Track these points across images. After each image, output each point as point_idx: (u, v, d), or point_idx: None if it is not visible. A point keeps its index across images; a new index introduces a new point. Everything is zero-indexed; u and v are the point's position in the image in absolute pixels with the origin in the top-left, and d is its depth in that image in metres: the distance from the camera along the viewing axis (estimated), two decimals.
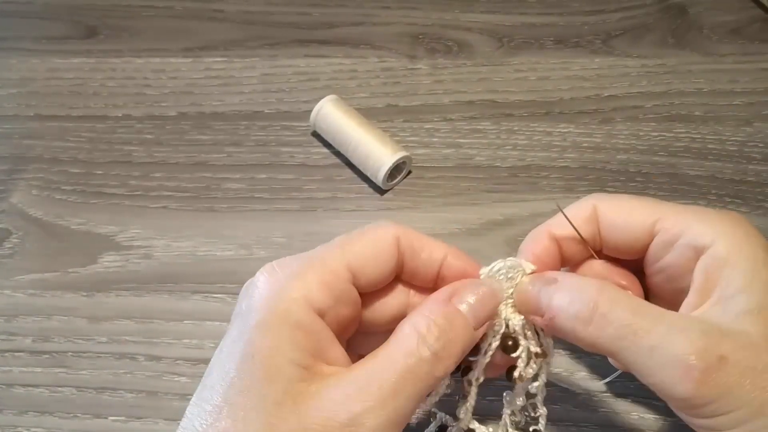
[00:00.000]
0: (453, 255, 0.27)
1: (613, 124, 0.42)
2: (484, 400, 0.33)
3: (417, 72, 0.45)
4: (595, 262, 0.29)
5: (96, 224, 0.39)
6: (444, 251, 0.27)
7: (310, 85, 0.44)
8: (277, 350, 0.22)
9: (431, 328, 0.23)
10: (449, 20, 0.47)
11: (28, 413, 0.33)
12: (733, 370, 0.22)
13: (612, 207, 0.28)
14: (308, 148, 0.42)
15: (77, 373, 0.34)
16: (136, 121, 0.43)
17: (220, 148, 0.42)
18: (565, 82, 0.44)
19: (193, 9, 0.48)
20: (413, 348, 0.22)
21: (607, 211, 0.28)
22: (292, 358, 0.22)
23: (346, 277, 0.25)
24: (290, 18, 0.48)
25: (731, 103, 0.43)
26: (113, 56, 0.46)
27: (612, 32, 0.46)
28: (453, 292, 0.25)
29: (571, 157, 0.41)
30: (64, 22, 0.48)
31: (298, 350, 0.22)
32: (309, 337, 0.23)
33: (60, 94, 0.45)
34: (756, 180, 0.40)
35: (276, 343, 0.22)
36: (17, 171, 0.41)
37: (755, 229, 0.25)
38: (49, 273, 0.37)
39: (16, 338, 0.35)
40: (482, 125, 0.42)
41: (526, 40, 0.46)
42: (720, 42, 0.46)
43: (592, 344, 0.24)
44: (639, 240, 0.27)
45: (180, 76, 0.45)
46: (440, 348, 0.23)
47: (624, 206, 0.28)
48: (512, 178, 0.40)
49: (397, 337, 0.23)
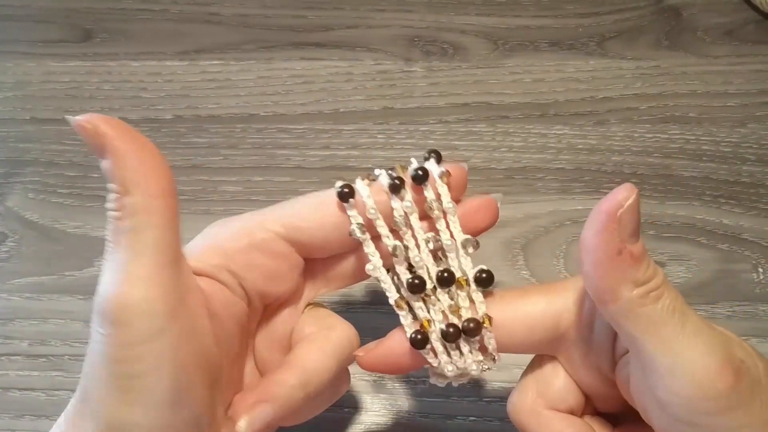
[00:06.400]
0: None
1: (607, 126, 0.42)
2: (481, 401, 0.33)
3: (412, 74, 0.45)
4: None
5: (92, 227, 0.39)
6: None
7: (306, 87, 0.45)
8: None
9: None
10: (444, 23, 0.47)
11: (25, 417, 0.33)
12: (747, 377, 0.21)
13: (506, 314, 0.24)
14: (304, 151, 0.42)
15: (74, 376, 0.34)
16: (133, 124, 0.42)
17: (216, 150, 0.42)
18: (560, 84, 0.44)
19: (189, 12, 0.48)
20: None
21: (502, 322, 0.24)
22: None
23: (270, 227, 0.25)
24: (286, 21, 0.48)
25: (725, 104, 0.43)
26: (109, 59, 0.46)
27: (606, 34, 0.47)
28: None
29: (566, 158, 0.41)
30: (60, 26, 0.48)
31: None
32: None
33: (56, 97, 0.45)
34: (750, 181, 0.40)
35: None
36: (13, 174, 0.41)
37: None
38: (46, 276, 0.37)
39: (13, 342, 0.35)
40: (478, 127, 0.43)
41: (521, 43, 0.46)
42: (714, 44, 0.46)
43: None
44: (542, 341, 0.24)
45: (176, 79, 0.45)
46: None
47: (518, 308, 0.25)
48: (508, 179, 0.40)
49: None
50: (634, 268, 0.21)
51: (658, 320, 0.21)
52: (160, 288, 0.21)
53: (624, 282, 0.21)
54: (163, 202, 0.21)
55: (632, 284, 0.21)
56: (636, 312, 0.21)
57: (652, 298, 0.21)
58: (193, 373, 0.22)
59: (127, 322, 0.20)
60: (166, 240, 0.21)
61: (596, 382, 0.25)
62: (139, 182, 0.21)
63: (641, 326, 0.21)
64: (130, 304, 0.21)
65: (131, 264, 0.21)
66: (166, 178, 0.22)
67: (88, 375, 0.22)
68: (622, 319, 0.21)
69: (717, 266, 0.37)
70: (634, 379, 0.23)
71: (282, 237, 0.25)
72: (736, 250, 0.38)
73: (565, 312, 0.24)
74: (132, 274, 0.21)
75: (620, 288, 0.21)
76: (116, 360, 0.21)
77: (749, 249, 0.38)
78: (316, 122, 0.43)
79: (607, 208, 0.21)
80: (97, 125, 0.21)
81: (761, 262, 0.37)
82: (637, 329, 0.21)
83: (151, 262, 0.21)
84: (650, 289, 0.21)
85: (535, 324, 0.24)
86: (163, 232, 0.21)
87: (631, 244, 0.21)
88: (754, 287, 0.36)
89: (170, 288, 0.21)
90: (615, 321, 0.22)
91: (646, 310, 0.21)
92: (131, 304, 0.20)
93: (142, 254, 0.21)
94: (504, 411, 0.32)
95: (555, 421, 0.25)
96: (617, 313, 0.21)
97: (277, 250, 0.25)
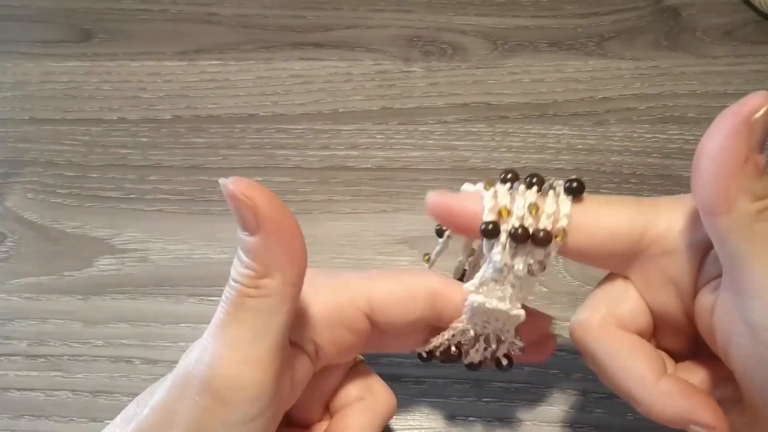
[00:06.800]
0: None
1: (607, 126, 0.42)
2: (480, 402, 0.33)
3: (412, 75, 0.45)
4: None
5: (91, 228, 0.39)
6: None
7: (305, 87, 0.45)
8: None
9: None
10: (444, 23, 0.47)
11: (24, 417, 0.33)
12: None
13: (591, 217, 0.24)
14: (303, 151, 0.42)
15: (73, 376, 0.34)
16: (132, 125, 0.43)
17: (215, 151, 0.42)
18: (559, 85, 0.44)
19: (188, 12, 0.48)
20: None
21: (586, 224, 0.24)
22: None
23: (359, 305, 0.24)
24: (285, 21, 0.48)
25: (724, 104, 0.43)
26: (108, 60, 0.46)
27: (605, 35, 0.47)
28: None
29: (565, 159, 0.41)
30: (59, 26, 0.48)
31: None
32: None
33: (55, 97, 0.45)
34: None
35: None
36: (12, 174, 0.41)
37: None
38: (45, 276, 0.37)
39: (12, 342, 0.35)
40: (477, 127, 0.43)
41: (520, 43, 0.46)
42: (713, 44, 0.46)
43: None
44: (621, 251, 0.24)
45: (175, 79, 0.45)
46: None
47: (605, 214, 0.24)
48: None
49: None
50: (757, 180, 0.20)
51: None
52: (272, 373, 0.21)
53: (743, 192, 0.20)
54: (297, 290, 0.21)
55: (752, 196, 0.20)
56: (750, 226, 0.20)
57: (767, 214, 0.20)
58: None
59: (234, 402, 0.20)
60: (288, 325, 0.21)
61: (670, 308, 0.24)
62: (283, 268, 0.21)
63: (754, 242, 0.20)
64: (243, 386, 0.20)
65: (252, 346, 0.20)
66: (304, 263, 0.22)
67: (162, 427, 0.21)
68: (732, 233, 0.20)
69: None
70: (722, 304, 0.22)
71: (366, 314, 0.24)
72: None
73: (651, 226, 0.23)
74: (252, 357, 0.20)
75: (738, 198, 0.20)
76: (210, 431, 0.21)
77: None
78: (315, 122, 0.43)
79: (742, 112, 0.20)
80: (255, 198, 0.21)
81: None
82: (748, 245, 0.20)
83: (273, 346, 0.21)
84: (767, 205, 0.20)
85: (618, 232, 0.23)
86: (288, 318, 0.21)
87: (757, 155, 0.20)
88: None
89: (280, 372, 0.21)
90: (722, 235, 0.20)
91: (759, 226, 0.20)
92: (244, 386, 0.20)
93: (265, 338, 0.21)
94: (503, 411, 0.33)
95: (625, 342, 0.23)
96: (729, 225, 0.20)
97: (359, 328, 0.25)
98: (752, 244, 0.20)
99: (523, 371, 0.33)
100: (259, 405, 0.21)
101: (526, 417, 0.32)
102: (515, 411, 0.33)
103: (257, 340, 0.21)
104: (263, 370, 0.21)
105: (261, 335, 0.21)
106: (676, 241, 0.23)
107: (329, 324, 0.24)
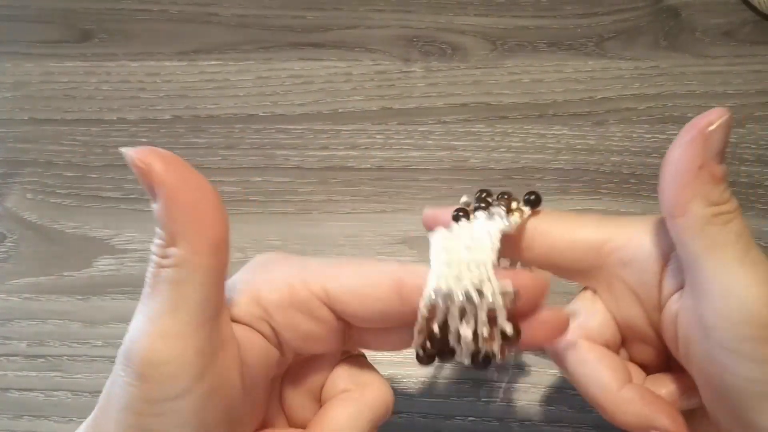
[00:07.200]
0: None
1: (606, 126, 0.42)
2: (479, 402, 0.33)
3: (411, 75, 0.45)
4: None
5: (91, 228, 0.39)
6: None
7: (305, 88, 0.45)
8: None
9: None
10: (443, 23, 0.47)
11: (24, 418, 0.33)
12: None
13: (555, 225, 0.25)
14: (303, 151, 0.42)
15: (72, 377, 0.34)
16: (131, 125, 0.43)
17: (214, 151, 0.42)
18: (559, 85, 0.44)
19: (188, 13, 0.48)
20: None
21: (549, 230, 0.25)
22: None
23: (315, 291, 0.23)
24: (285, 21, 0.48)
25: (724, 104, 0.43)
26: (108, 60, 0.46)
27: (605, 35, 0.47)
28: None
29: (565, 159, 0.41)
30: (59, 26, 0.48)
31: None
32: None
33: (54, 97, 0.45)
34: (748, 181, 0.40)
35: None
36: (12, 175, 0.41)
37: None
38: (44, 277, 0.37)
39: (11, 342, 0.35)
40: (476, 128, 0.43)
41: (519, 43, 0.46)
42: (712, 44, 0.46)
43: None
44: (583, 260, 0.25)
45: (174, 79, 0.45)
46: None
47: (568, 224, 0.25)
48: (507, 180, 0.40)
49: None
50: (711, 186, 0.21)
51: (722, 242, 0.21)
52: (192, 348, 0.19)
53: (697, 197, 0.21)
54: (211, 259, 0.20)
55: (706, 201, 0.21)
56: (703, 229, 0.21)
57: (721, 220, 0.21)
58: (215, 429, 0.21)
59: (153, 378, 0.19)
60: (208, 297, 0.20)
61: (635, 319, 0.25)
62: (187, 235, 0.19)
63: (705, 244, 0.21)
64: (159, 361, 0.19)
65: (166, 318, 0.19)
66: (220, 230, 0.20)
67: (104, 410, 0.21)
68: (687, 234, 0.22)
69: None
70: (683, 310, 0.23)
71: (324, 302, 0.22)
72: None
73: (613, 237, 0.24)
74: (165, 330, 0.19)
75: (692, 202, 0.21)
76: (136, 412, 0.20)
77: None
78: (314, 122, 0.43)
79: (698, 124, 0.21)
80: (151, 163, 0.19)
81: None
82: (701, 247, 0.21)
83: (189, 319, 0.19)
84: (722, 211, 0.22)
85: (578, 240, 0.25)
86: (205, 289, 0.20)
87: (713, 164, 0.21)
88: None
89: (203, 347, 0.20)
90: (679, 237, 0.22)
91: (712, 229, 0.21)
92: (160, 361, 0.19)
93: (179, 310, 0.19)
94: (503, 412, 0.33)
95: (590, 352, 0.25)
96: (684, 226, 0.22)
97: (317, 315, 0.23)
98: (705, 246, 0.21)
99: (523, 371, 0.33)
100: (181, 381, 0.19)
101: (527, 417, 0.32)
102: (515, 411, 0.33)
103: (172, 313, 0.19)
104: (180, 344, 0.19)
105: (175, 308, 0.19)
106: (636, 251, 0.24)
107: (281, 306, 0.22)
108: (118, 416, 0.20)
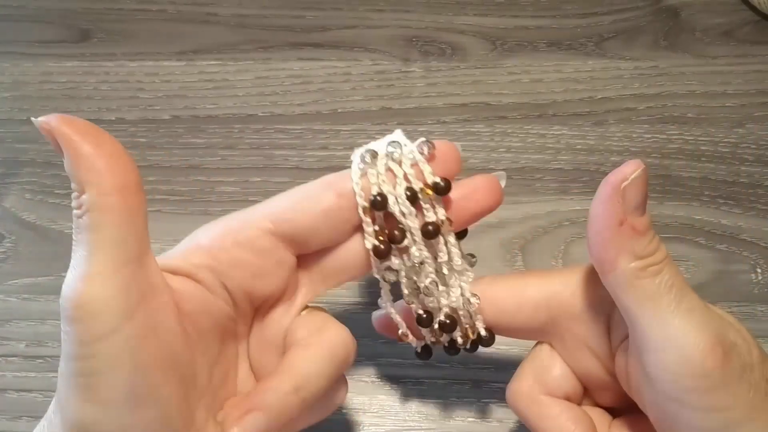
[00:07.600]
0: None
1: (606, 126, 0.42)
2: (479, 402, 0.33)
3: (411, 75, 0.45)
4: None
5: None
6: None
7: (304, 88, 0.44)
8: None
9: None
10: (443, 23, 0.47)
11: (22, 418, 0.33)
12: (737, 360, 0.21)
13: (500, 290, 0.26)
14: (302, 151, 0.42)
15: None
16: (130, 125, 0.43)
17: (213, 151, 0.42)
18: (559, 85, 0.44)
19: (187, 12, 0.48)
20: None
21: (495, 297, 0.26)
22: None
23: (257, 223, 0.24)
24: (284, 21, 0.48)
25: (724, 104, 0.43)
26: (106, 60, 0.46)
27: (605, 35, 0.47)
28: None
29: (564, 159, 0.41)
30: (57, 26, 0.48)
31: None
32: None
33: (53, 97, 0.44)
34: (748, 181, 0.40)
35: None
36: (10, 175, 0.41)
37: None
38: (43, 277, 0.37)
39: (10, 343, 0.35)
40: (476, 128, 0.43)
41: (519, 43, 0.46)
42: (712, 44, 0.46)
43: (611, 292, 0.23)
44: (533, 319, 0.25)
45: (173, 79, 0.45)
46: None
47: (513, 286, 0.26)
48: (506, 180, 0.40)
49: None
50: (635, 240, 0.21)
51: (653, 294, 0.21)
52: (115, 286, 0.21)
53: (623, 253, 0.21)
54: (119, 200, 0.21)
55: (631, 256, 0.21)
56: (633, 284, 0.21)
57: (650, 272, 0.21)
58: (155, 373, 0.21)
59: (82, 319, 0.20)
60: (124, 237, 0.21)
61: (593, 370, 0.25)
62: (92, 180, 0.21)
63: (636, 298, 0.21)
64: (85, 301, 0.20)
65: (87, 261, 0.21)
66: (125, 174, 0.21)
67: (59, 372, 0.22)
68: (618, 289, 0.22)
69: (715, 267, 0.37)
70: (631, 359, 0.23)
71: (270, 233, 0.24)
72: (735, 250, 0.38)
73: (557, 294, 0.25)
74: (87, 272, 0.21)
75: (619, 258, 0.21)
76: (74, 357, 0.21)
77: (747, 249, 0.38)
78: (314, 122, 0.43)
79: (612, 180, 0.21)
80: (55, 125, 0.21)
81: (759, 263, 0.37)
82: (632, 301, 0.22)
83: (107, 259, 0.21)
84: (650, 263, 0.21)
85: (525, 301, 0.25)
86: (120, 229, 0.21)
87: (634, 217, 0.21)
88: (752, 288, 0.36)
89: (128, 286, 0.21)
90: (613, 292, 0.22)
91: (642, 282, 0.21)
92: (86, 301, 0.20)
93: (98, 251, 0.21)
94: (502, 412, 0.33)
95: (551, 407, 0.25)
96: (614, 282, 0.22)
97: (262, 247, 0.24)
98: (637, 299, 0.21)
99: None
100: (107, 319, 0.20)
101: None
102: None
103: (91, 256, 0.21)
104: (100, 281, 0.20)
105: (94, 250, 0.21)
106: (580, 305, 0.24)
107: (223, 248, 0.24)
108: (63, 369, 0.21)
